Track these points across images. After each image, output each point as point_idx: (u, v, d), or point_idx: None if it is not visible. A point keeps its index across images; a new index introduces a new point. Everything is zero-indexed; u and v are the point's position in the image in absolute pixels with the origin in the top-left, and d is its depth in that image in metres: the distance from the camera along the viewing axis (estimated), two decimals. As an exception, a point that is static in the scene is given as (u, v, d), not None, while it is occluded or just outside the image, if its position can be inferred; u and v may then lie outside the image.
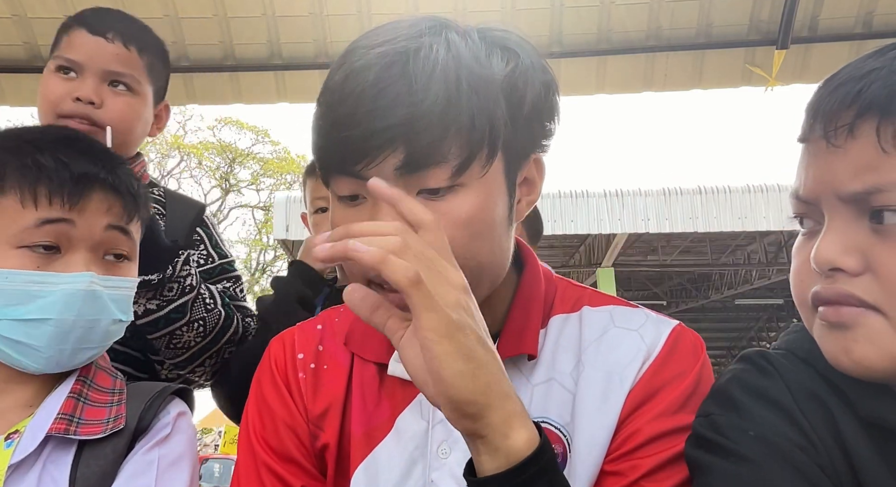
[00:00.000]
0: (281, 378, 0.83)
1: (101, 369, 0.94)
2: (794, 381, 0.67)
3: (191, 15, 2.54)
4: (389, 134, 0.63)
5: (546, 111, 0.74)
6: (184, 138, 20.15)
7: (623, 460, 0.71)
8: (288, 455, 0.79)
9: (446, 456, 0.74)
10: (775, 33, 2.52)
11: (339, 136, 0.66)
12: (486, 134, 0.66)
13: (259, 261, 20.86)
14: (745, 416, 0.66)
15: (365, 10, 2.52)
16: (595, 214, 9.04)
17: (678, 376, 0.74)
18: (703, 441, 0.67)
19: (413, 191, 0.65)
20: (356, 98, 0.64)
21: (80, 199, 0.84)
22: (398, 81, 0.64)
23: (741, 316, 14.72)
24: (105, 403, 0.88)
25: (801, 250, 0.67)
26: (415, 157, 0.64)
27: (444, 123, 0.63)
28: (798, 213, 0.68)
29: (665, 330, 0.78)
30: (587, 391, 0.75)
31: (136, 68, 1.26)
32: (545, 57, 0.76)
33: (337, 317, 0.89)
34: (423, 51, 0.65)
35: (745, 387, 0.68)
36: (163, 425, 0.89)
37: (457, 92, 0.64)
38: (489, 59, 0.68)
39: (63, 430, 0.81)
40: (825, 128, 0.62)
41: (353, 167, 0.66)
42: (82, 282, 0.83)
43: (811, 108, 0.65)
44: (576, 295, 0.85)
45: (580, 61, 2.64)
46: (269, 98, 2.78)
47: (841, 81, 0.62)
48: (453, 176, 0.65)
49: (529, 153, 0.74)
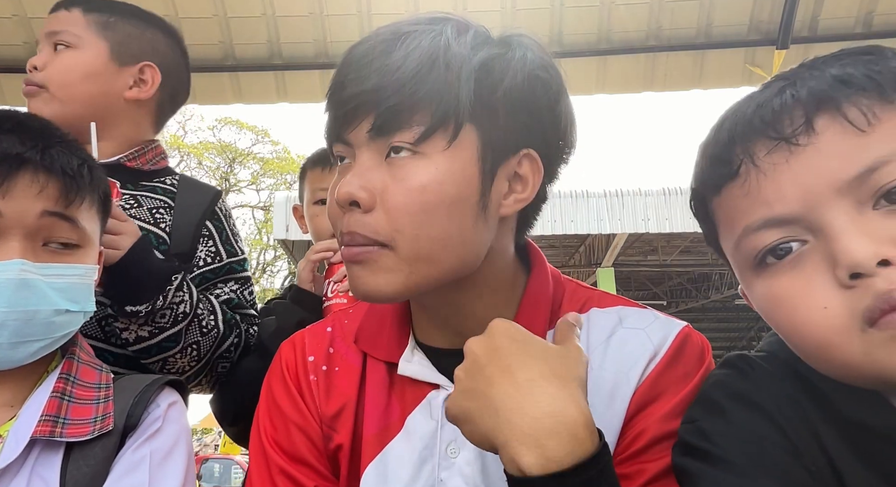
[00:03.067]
0: (292, 381, 0.84)
1: (83, 364, 0.89)
2: (773, 384, 0.66)
3: (191, 15, 2.54)
4: (363, 98, 0.69)
5: (533, 106, 0.73)
6: (184, 138, 20.15)
7: (630, 463, 0.71)
8: (300, 457, 0.79)
9: (455, 456, 0.75)
10: (775, 33, 2.52)
11: (329, 102, 0.74)
12: (451, 109, 0.68)
13: (259, 261, 20.87)
14: (731, 421, 0.64)
15: (365, 10, 2.52)
16: (595, 214, 9.04)
17: (684, 377, 0.74)
18: (689, 449, 0.66)
19: (381, 155, 0.70)
20: (346, 68, 0.72)
21: (5, 182, 0.78)
22: (381, 56, 0.70)
23: (741, 316, 14.71)
24: (91, 399, 0.85)
25: (798, 281, 0.59)
26: (382, 120, 0.69)
27: (410, 91, 0.68)
28: (774, 241, 0.60)
29: (673, 331, 0.78)
30: (595, 392, 0.74)
31: (74, 25, 1.25)
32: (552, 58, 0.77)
33: (346, 319, 0.89)
34: (414, 35, 0.70)
35: (728, 392, 0.67)
36: (153, 419, 0.85)
37: (429, 66, 0.68)
38: (475, 47, 0.71)
39: (48, 433, 0.78)
40: (779, 131, 0.58)
41: (340, 131, 0.72)
42: (11, 271, 0.77)
43: (726, 141, 0.62)
44: (584, 297, 0.84)
45: (580, 61, 2.64)
46: (269, 98, 2.78)
47: (759, 102, 0.61)
48: (416, 142, 0.69)
49: (519, 147, 0.74)
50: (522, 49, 0.74)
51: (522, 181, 0.75)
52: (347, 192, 0.69)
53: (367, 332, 0.84)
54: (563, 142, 0.78)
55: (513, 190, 0.75)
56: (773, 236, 0.60)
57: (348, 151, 0.73)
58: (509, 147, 0.73)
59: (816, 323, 0.57)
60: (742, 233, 0.62)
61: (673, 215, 8.86)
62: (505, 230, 0.78)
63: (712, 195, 0.66)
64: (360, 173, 0.70)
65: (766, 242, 0.60)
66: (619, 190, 9.13)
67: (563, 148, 0.79)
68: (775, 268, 0.60)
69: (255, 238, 20.93)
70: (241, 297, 1.32)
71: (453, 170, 0.69)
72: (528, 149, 0.74)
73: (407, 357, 0.80)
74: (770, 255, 0.60)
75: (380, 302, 0.78)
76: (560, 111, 0.76)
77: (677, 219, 8.82)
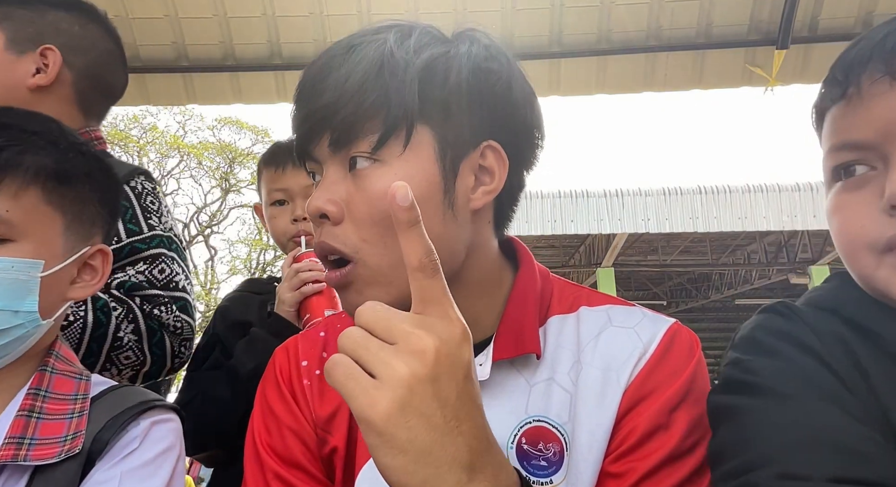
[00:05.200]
0: (286, 386, 0.84)
1: (58, 373, 0.83)
2: (818, 325, 0.68)
3: (191, 15, 2.54)
4: (320, 114, 0.72)
5: (486, 97, 0.74)
6: (183, 138, 20.16)
7: (622, 461, 0.71)
8: (294, 461, 0.79)
9: None
10: (775, 33, 2.52)
11: (292, 121, 0.77)
12: (400, 113, 0.70)
13: (259, 261, 20.88)
14: (779, 358, 0.66)
15: (365, 10, 2.52)
16: (595, 214, 9.05)
17: (674, 373, 0.75)
18: (736, 385, 0.67)
19: (344, 167, 0.72)
20: (302, 87, 0.76)
21: None
22: (332, 71, 0.72)
23: (741, 316, 14.71)
24: (65, 414, 0.79)
25: (854, 198, 0.67)
26: (339, 133, 0.71)
27: (360, 102, 0.70)
28: (846, 161, 0.68)
29: (661, 328, 0.78)
30: (585, 389, 0.75)
31: None
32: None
33: (339, 324, 0.89)
34: (361, 46, 0.73)
35: (773, 332, 0.69)
36: (129, 439, 0.79)
37: (375, 75, 0.70)
38: (418, 49, 0.73)
39: (11, 457, 0.72)
40: (889, 65, 0.64)
41: (307, 148, 0.75)
42: None
43: (847, 63, 0.67)
44: (573, 295, 0.85)
45: (580, 61, 2.64)
46: (269, 98, 2.78)
47: (885, 33, 0.66)
48: (372, 151, 0.70)
49: (478, 140, 0.74)
50: (467, 43, 0.75)
51: (489, 173, 0.76)
52: (315, 206, 0.71)
53: None
54: (525, 127, 0.78)
55: (480, 182, 0.75)
56: (847, 156, 0.68)
57: (317, 168, 0.76)
58: (468, 142, 0.73)
59: (854, 235, 0.67)
60: (829, 148, 0.70)
61: (673, 215, 8.86)
62: (482, 225, 0.78)
63: (827, 107, 0.72)
64: (325, 187, 0.72)
65: (841, 161, 0.68)
66: (619, 190, 9.13)
67: (528, 133, 0.79)
68: (843, 184, 0.69)
69: (255, 238, 20.94)
70: (149, 277, 1.20)
71: (412, 173, 0.70)
72: (488, 141, 0.75)
73: None
74: (843, 172, 0.69)
75: None
76: (515, 99, 0.76)
77: (677, 219, 8.82)
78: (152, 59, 2.66)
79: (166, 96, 2.79)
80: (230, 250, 27.28)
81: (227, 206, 20.98)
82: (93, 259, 0.89)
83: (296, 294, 1.33)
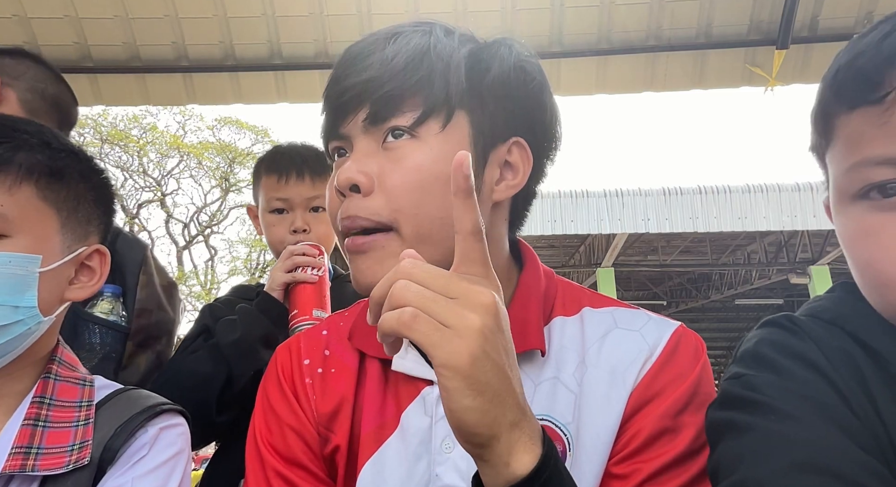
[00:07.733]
0: (287, 384, 0.84)
1: (61, 380, 0.83)
2: (823, 341, 0.63)
3: (191, 15, 2.54)
4: (358, 89, 0.73)
5: (520, 95, 0.77)
6: (184, 138, 20.14)
7: (626, 463, 0.71)
8: (295, 460, 0.79)
9: (450, 451, 0.75)
10: (775, 33, 2.52)
11: (326, 97, 0.77)
12: (443, 94, 0.72)
13: (259, 261, 20.87)
14: (783, 374, 0.61)
15: (365, 10, 2.52)
16: (595, 214, 9.05)
17: (679, 377, 0.75)
18: (737, 401, 0.62)
19: (377, 142, 0.74)
20: (342, 65, 0.76)
21: None
22: (375, 52, 0.74)
23: (741, 316, 14.73)
24: (70, 422, 0.78)
25: (887, 223, 0.58)
26: (378, 107, 0.72)
27: (405, 78, 0.72)
28: (884, 180, 0.58)
29: (667, 331, 0.78)
30: (590, 390, 0.75)
31: None
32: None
33: (341, 321, 0.89)
34: (405, 34, 0.75)
35: (777, 347, 0.64)
36: (139, 446, 0.79)
37: (420, 57, 0.73)
38: (462, 42, 0.76)
39: (19, 467, 0.72)
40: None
41: (337, 124, 0.76)
42: None
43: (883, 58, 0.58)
44: (576, 296, 0.85)
45: (580, 61, 2.64)
46: (269, 98, 2.78)
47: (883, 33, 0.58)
48: (412, 127, 0.72)
49: (508, 135, 0.77)
50: (507, 44, 0.78)
51: (513, 169, 0.79)
52: (347, 177, 0.72)
53: (361, 329, 0.84)
54: (548, 134, 0.82)
55: (504, 177, 0.78)
56: (887, 174, 0.58)
57: (346, 144, 0.77)
58: (499, 134, 0.77)
59: (890, 261, 0.58)
60: (860, 161, 0.60)
61: (673, 215, 8.86)
62: (499, 220, 0.80)
63: (843, 110, 0.62)
64: (357, 159, 0.73)
65: (880, 178, 0.58)
66: (619, 190, 9.14)
67: (549, 141, 0.82)
68: (877, 203, 0.59)
69: (255, 239, 20.93)
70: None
71: (447, 151, 0.72)
72: (517, 137, 0.78)
73: (401, 354, 0.80)
74: (876, 190, 0.59)
75: None
76: (546, 103, 0.80)
77: (677, 219, 8.82)
78: (152, 59, 2.66)
79: (166, 96, 2.78)
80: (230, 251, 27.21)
81: (227, 206, 20.98)
82: (90, 260, 0.88)
83: (286, 276, 1.32)
